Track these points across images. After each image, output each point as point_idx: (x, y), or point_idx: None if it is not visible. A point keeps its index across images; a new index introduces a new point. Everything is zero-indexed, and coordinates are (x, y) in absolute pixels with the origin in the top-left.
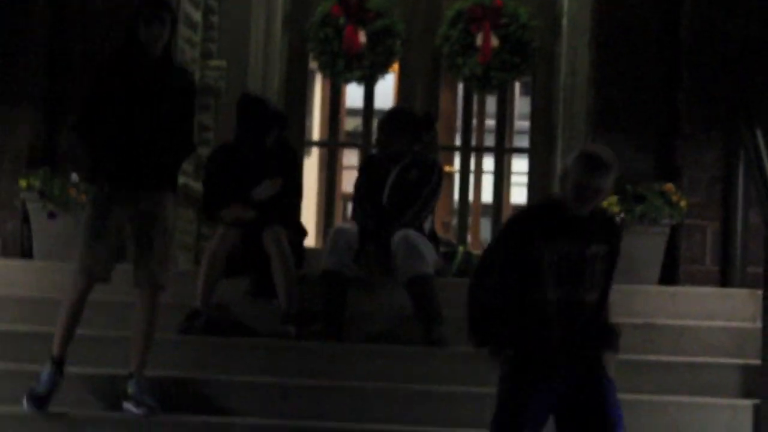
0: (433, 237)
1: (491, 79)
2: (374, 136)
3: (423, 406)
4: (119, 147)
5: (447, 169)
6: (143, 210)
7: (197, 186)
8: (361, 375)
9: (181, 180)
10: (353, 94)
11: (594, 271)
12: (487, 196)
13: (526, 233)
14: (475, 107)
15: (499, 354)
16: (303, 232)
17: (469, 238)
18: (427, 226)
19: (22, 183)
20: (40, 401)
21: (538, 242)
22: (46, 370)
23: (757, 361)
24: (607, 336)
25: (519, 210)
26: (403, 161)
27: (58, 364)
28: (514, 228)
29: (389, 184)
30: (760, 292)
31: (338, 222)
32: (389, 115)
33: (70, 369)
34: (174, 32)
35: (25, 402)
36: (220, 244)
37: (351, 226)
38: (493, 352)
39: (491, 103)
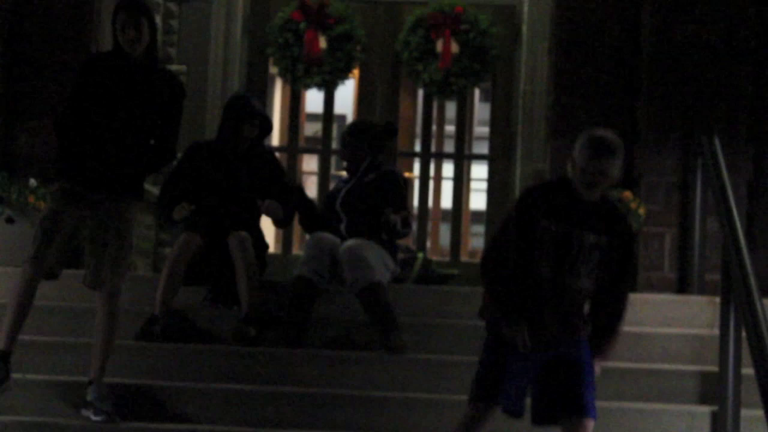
0: (391, 245)
1: (451, 85)
2: (339, 147)
3: (381, 412)
4: (91, 147)
5: (407, 175)
6: (103, 214)
7: (156, 191)
8: (321, 381)
9: None
10: (313, 100)
11: (589, 259)
12: (446, 202)
13: (531, 209)
14: (434, 113)
15: (517, 324)
16: (265, 246)
17: (428, 244)
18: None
19: None
20: None
21: (541, 220)
22: None
23: (715, 368)
24: (600, 339)
25: (531, 186)
26: (361, 172)
27: (4, 356)
28: (522, 203)
29: (342, 194)
30: (717, 299)
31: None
32: (350, 128)
33: (28, 376)
34: (155, 35)
35: None
36: (183, 250)
37: (331, 236)
38: (513, 323)
39: (451, 109)
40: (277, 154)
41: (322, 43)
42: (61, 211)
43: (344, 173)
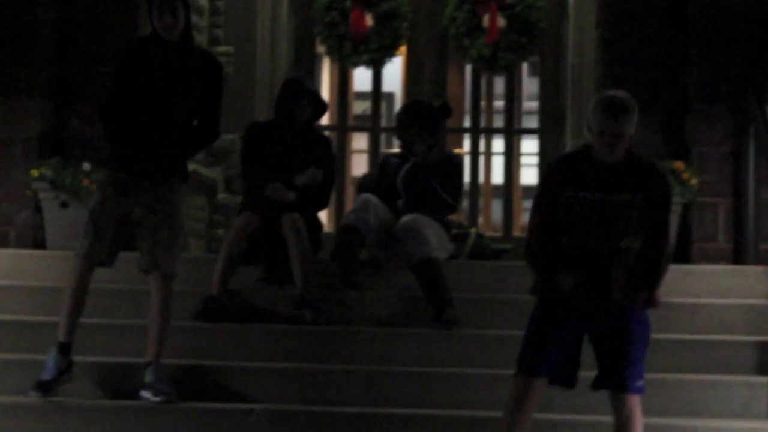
0: (444, 221)
1: (499, 60)
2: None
3: (437, 387)
4: (135, 134)
5: (457, 151)
6: (150, 198)
7: (208, 173)
8: (376, 358)
9: (191, 167)
10: (361, 78)
11: (628, 218)
12: (497, 177)
13: (558, 179)
14: (483, 89)
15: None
16: (319, 225)
17: (480, 219)
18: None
19: (34, 173)
20: (44, 387)
21: (568, 189)
22: (51, 356)
23: None
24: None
25: (554, 158)
26: (423, 152)
27: (64, 349)
28: (546, 176)
29: (404, 172)
30: None
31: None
32: (406, 109)
33: (87, 358)
34: (189, 17)
35: (30, 390)
36: (242, 230)
37: (378, 200)
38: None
39: (499, 84)
40: (326, 133)
41: (369, 20)
42: (109, 202)
43: (395, 150)
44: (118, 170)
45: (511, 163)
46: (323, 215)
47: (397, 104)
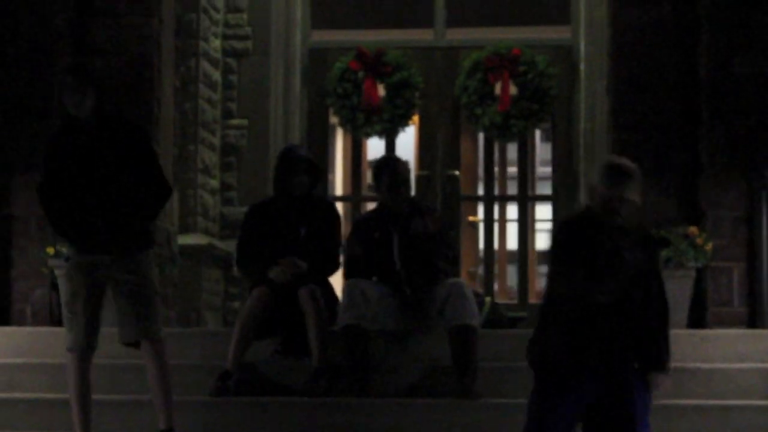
0: None
1: (511, 127)
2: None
3: None
4: (80, 216)
5: (471, 219)
6: (118, 272)
7: (223, 246)
8: (393, 429)
9: (206, 240)
10: (375, 147)
11: (629, 279)
12: (512, 243)
13: (568, 241)
14: (496, 156)
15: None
16: (334, 298)
17: (496, 286)
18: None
19: (50, 250)
20: None
21: (578, 250)
22: None
23: None
24: (651, 354)
25: (560, 222)
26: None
27: None
28: (556, 238)
29: (397, 239)
30: None
31: None
32: (379, 163)
33: None
34: (97, 93)
35: None
36: (257, 305)
37: (364, 281)
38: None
39: (512, 150)
40: (341, 204)
41: (381, 91)
42: (80, 290)
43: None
44: (78, 254)
45: (526, 229)
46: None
47: (411, 173)
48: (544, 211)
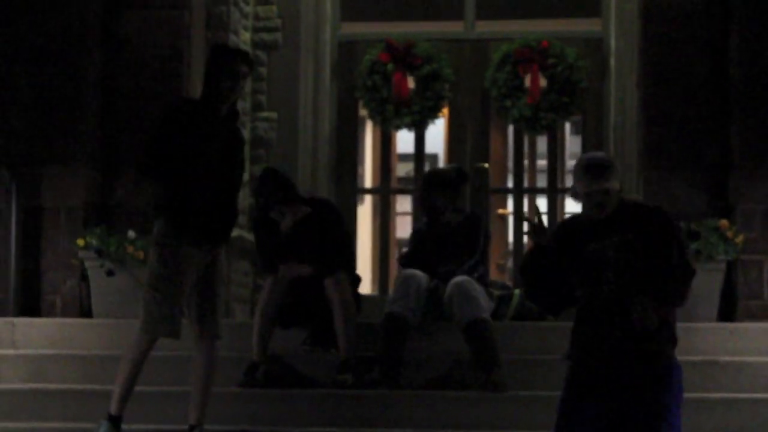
0: (484, 283)
1: (540, 119)
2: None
3: None
4: (199, 205)
5: (500, 211)
6: (207, 264)
7: (251, 238)
8: (420, 421)
9: (236, 232)
10: (404, 140)
11: (624, 262)
12: None
13: (559, 238)
14: (525, 148)
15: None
16: (357, 279)
17: None
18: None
19: (80, 242)
20: None
21: (571, 246)
22: (102, 428)
23: None
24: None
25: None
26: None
27: (115, 422)
28: (554, 238)
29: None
30: None
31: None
32: (426, 179)
33: (131, 426)
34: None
35: None
36: (270, 296)
37: (421, 273)
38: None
39: (542, 143)
40: (370, 196)
41: (410, 83)
42: (173, 274)
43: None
44: (185, 242)
45: (555, 221)
46: (366, 278)
47: (441, 166)
48: (572, 204)
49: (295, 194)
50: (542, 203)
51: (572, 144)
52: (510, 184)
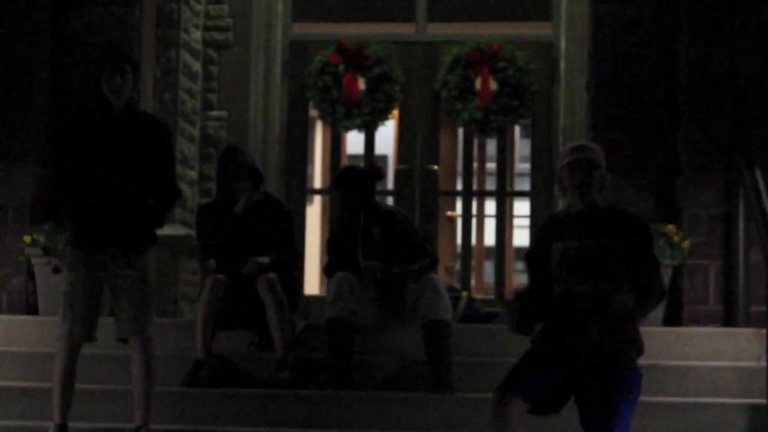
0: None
1: (491, 122)
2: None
3: None
4: (95, 209)
5: (449, 214)
6: (121, 267)
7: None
8: (368, 422)
9: (183, 231)
10: (354, 141)
11: (605, 263)
12: (489, 239)
13: (542, 237)
14: (475, 151)
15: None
16: (296, 282)
17: (473, 281)
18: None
19: (26, 239)
20: None
21: (552, 242)
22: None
23: (764, 401)
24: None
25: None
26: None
27: (62, 429)
28: (535, 235)
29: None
30: (764, 331)
31: None
32: (337, 176)
33: (77, 424)
34: (137, 81)
35: None
36: (210, 295)
37: (351, 274)
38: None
39: (492, 146)
40: (319, 197)
41: (361, 84)
42: (81, 281)
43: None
44: (84, 247)
45: (504, 225)
46: (314, 279)
47: (391, 166)
48: (522, 207)
49: (258, 171)
50: (491, 206)
51: (522, 147)
52: (459, 186)
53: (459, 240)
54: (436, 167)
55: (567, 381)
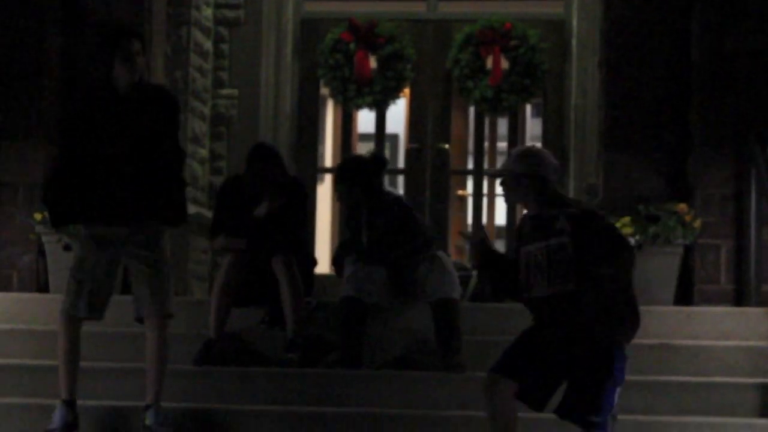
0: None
1: (502, 101)
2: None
3: (438, 430)
4: (100, 186)
5: (460, 192)
6: (135, 247)
7: (210, 215)
8: (376, 401)
9: (194, 209)
10: (365, 119)
11: (557, 263)
12: (500, 218)
13: (516, 236)
14: (486, 130)
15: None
16: (313, 262)
17: None
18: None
19: (37, 216)
20: None
21: (518, 245)
22: (57, 409)
23: None
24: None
25: None
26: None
27: (69, 404)
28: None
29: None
30: None
31: None
32: (339, 168)
33: (87, 402)
34: (147, 60)
35: None
36: (229, 273)
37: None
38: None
39: (503, 125)
40: (330, 176)
41: (372, 63)
42: (90, 258)
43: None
44: (93, 224)
45: (514, 204)
46: (325, 258)
47: (401, 146)
48: None
49: (284, 175)
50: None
51: (533, 126)
52: (470, 165)
53: (470, 219)
54: (447, 146)
55: (557, 362)
